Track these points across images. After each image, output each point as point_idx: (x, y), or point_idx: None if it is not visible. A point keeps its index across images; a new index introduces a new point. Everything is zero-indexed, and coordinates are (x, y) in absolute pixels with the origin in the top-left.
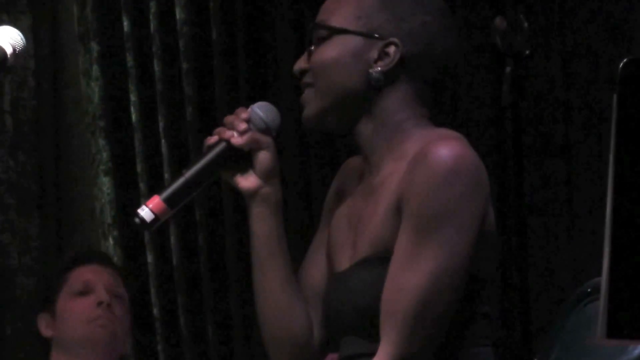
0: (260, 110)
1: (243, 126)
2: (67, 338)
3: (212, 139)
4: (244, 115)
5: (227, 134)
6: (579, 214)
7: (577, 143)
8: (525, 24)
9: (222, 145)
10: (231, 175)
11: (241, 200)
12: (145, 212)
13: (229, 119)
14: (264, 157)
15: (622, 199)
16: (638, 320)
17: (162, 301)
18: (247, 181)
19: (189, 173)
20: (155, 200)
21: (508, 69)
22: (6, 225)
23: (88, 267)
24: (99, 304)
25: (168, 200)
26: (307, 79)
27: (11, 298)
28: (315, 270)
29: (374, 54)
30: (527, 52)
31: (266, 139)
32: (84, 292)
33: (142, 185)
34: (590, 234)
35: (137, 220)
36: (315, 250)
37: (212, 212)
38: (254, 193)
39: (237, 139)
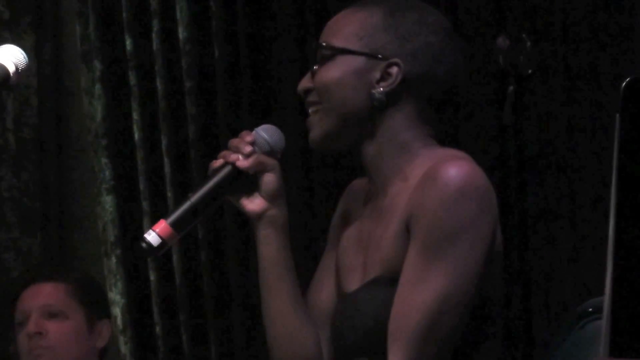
0: (265, 132)
1: (248, 149)
2: None
3: (217, 162)
4: (249, 138)
5: (233, 157)
6: (582, 232)
7: (580, 161)
8: (528, 43)
9: (228, 168)
10: (237, 198)
11: (244, 220)
12: (152, 237)
13: (233, 142)
14: (269, 180)
15: (624, 218)
16: None
17: (165, 320)
18: (253, 204)
19: (195, 197)
20: (162, 225)
21: (510, 88)
22: (9, 244)
23: (28, 291)
24: (29, 336)
25: (175, 224)
26: (311, 97)
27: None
28: (324, 292)
29: (377, 74)
30: (530, 71)
31: (271, 161)
32: (22, 322)
33: (144, 204)
34: (592, 252)
35: (143, 245)
36: (323, 272)
37: (215, 232)
38: (260, 215)
39: (242, 162)
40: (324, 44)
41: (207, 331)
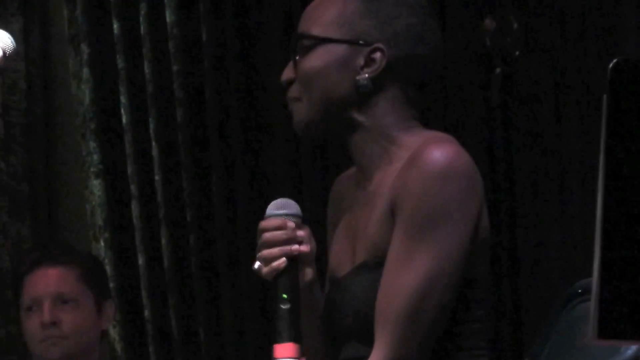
0: (285, 209)
1: (302, 234)
2: (33, 355)
3: (277, 264)
4: (291, 224)
5: (293, 248)
6: (570, 213)
7: (568, 142)
8: (515, 25)
9: (286, 262)
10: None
11: (232, 202)
12: None
13: (275, 235)
14: (314, 244)
15: (612, 200)
16: (629, 321)
17: (153, 303)
18: (305, 274)
19: (287, 305)
20: (287, 347)
21: (497, 70)
22: None
23: (37, 273)
24: (44, 325)
25: (296, 339)
26: (293, 92)
27: (3, 300)
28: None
29: (360, 60)
30: (517, 52)
31: (307, 230)
32: (32, 308)
33: (132, 188)
34: (581, 233)
35: None
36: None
37: (203, 214)
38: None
39: (304, 248)
40: (304, 34)
41: (195, 315)
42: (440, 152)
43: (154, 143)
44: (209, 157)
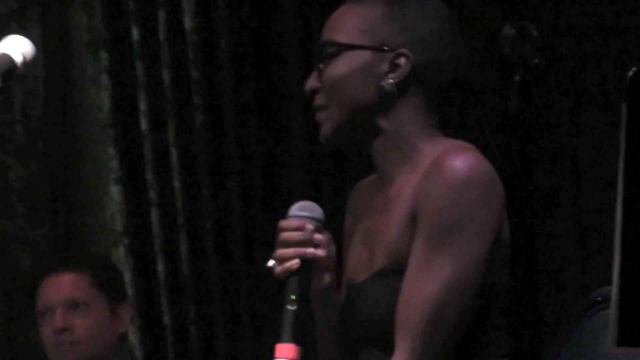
0: (306, 211)
1: (319, 238)
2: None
3: (290, 264)
4: (309, 226)
5: (308, 251)
6: (588, 220)
7: (585, 150)
8: (535, 32)
9: (299, 264)
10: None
11: (250, 208)
12: None
13: (293, 236)
14: (333, 250)
15: (631, 208)
16: None
17: (172, 308)
18: (325, 278)
19: (293, 306)
20: (286, 348)
21: (517, 77)
22: (17, 234)
23: (49, 280)
24: (56, 331)
25: (296, 340)
26: (318, 100)
27: (22, 306)
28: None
29: (385, 66)
30: (536, 60)
31: (328, 235)
32: (45, 314)
33: (152, 194)
34: (599, 241)
35: None
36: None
37: (221, 223)
38: (331, 280)
39: (320, 252)
40: (328, 41)
41: (213, 320)
42: (461, 160)
43: (173, 149)
44: (227, 163)
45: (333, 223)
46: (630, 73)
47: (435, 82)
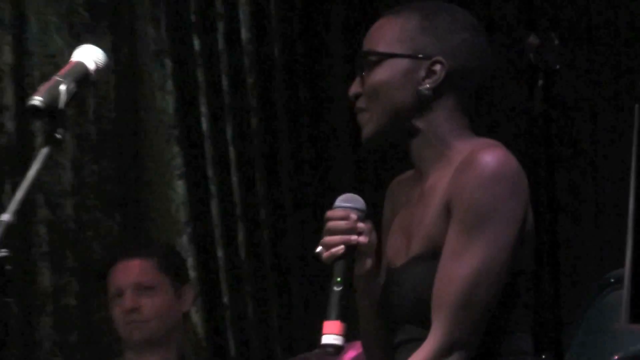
0: (350, 202)
1: (362, 226)
2: (121, 337)
3: (337, 249)
4: (353, 215)
5: (352, 238)
6: (606, 211)
7: (603, 148)
8: (556, 41)
9: (344, 249)
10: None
11: (301, 201)
12: (335, 339)
13: (338, 224)
14: (374, 237)
15: None
16: None
17: (232, 291)
18: (367, 263)
19: (339, 287)
20: (334, 325)
21: (540, 82)
22: (91, 224)
23: (119, 266)
24: (126, 311)
25: (342, 317)
26: (360, 103)
27: (98, 288)
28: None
29: (422, 72)
30: (557, 66)
31: (370, 224)
32: (116, 296)
33: (212, 188)
34: (615, 229)
35: (331, 350)
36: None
37: (275, 212)
38: (371, 266)
39: (363, 239)
40: (370, 51)
41: (268, 299)
42: (491, 156)
43: (231, 148)
44: (280, 161)
45: (374, 214)
46: None
47: (466, 87)
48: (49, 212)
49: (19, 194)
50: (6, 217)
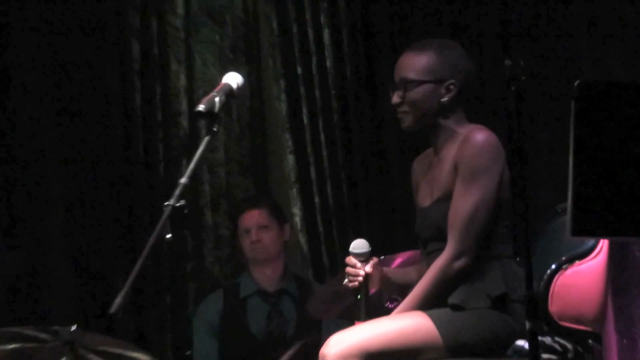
0: (357, 249)
1: (370, 263)
2: (248, 258)
3: (354, 283)
4: (358, 263)
5: (362, 274)
6: (556, 163)
7: (556, 134)
8: (522, 63)
9: (359, 281)
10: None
11: (375, 157)
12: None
13: (351, 270)
14: (378, 268)
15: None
16: (593, 222)
17: (324, 222)
18: (379, 280)
19: (360, 299)
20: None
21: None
22: (235, 184)
23: (247, 213)
24: (252, 242)
25: (365, 319)
26: (401, 108)
27: (216, 237)
28: None
29: (442, 90)
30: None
31: (373, 260)
32: (246, 231)
33: (310, 159)
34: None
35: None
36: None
37: (350, 177)
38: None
39: (368, 270)
40: (407, 79)
41: (349, 229)
42: (481, 134)
43: (322, 134)
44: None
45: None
46: (576, 85)
47: (466, 96)
48: (209, 176)
49: (191, 165)
50: (183, 179)
